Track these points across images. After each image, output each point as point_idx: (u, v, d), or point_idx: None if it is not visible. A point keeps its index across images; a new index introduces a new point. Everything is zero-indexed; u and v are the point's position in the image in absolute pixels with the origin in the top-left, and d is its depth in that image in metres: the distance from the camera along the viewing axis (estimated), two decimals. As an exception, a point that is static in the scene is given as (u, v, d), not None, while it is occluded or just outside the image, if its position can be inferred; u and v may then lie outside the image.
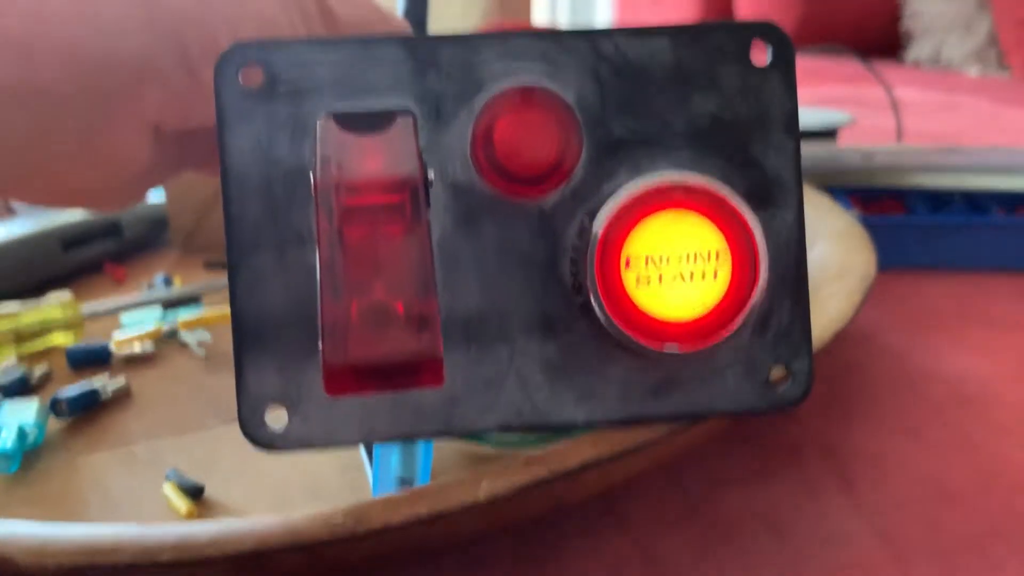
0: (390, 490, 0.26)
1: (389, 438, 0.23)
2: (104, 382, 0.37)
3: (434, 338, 0.20)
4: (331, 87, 0.22)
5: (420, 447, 0.27)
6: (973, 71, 1.74)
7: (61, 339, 0.42)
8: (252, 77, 0.22)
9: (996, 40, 1.75)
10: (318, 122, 0.21)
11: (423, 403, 0.23)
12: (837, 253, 0.39)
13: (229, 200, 0.22)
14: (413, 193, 0.20)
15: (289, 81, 0.22)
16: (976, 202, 0.54)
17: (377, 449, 0.27)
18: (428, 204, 0.22)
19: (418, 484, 0.26)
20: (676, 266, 0.22)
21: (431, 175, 0.22)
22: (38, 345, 0.42)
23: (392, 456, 0.27)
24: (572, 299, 0.23)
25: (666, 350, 0.22)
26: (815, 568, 0.26)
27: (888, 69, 1.07)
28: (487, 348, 0.23)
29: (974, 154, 0.55)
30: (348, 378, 0.20)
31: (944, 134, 0.93)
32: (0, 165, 0.25)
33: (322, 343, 0.20)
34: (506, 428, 0.24)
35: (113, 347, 0.41)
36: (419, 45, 0.22)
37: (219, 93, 0.22)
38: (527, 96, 0.23)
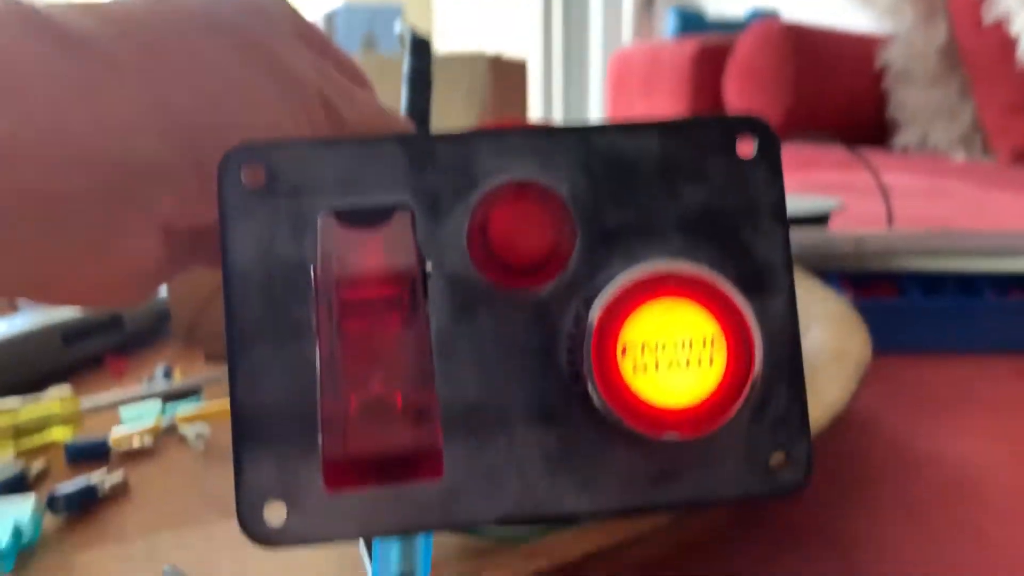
0: None
1: (388, 533, 0.23)
2: (102, 478, 0.37)
3: (433, 430, 0.20)
4: (331, 185, 0.23)
5: (420, 540, 0.27)
6: (959, 156, 1.78)
7: (60, 434, 0.42)
8: (254, 177, 0.23)
9: (980, 126, 1.80)
10: (319, 219, 0.22)
11: (423, 496, 0.23)
12: (832, 338, 0.39)
13: (230, 296, 0.22)
14: (411, 286, 0.21)
15: (290, 180, 0.23)
16: (969, 285, 0.54)
17: (376, 543, 0.27)
18: (426, 296, 0.23)
19: None
20: (672, 353, 0.22)
21: (429, 268, 0.23)
22: (36, 441, 0.42)
23: (392, 550, 0.26)
24: (570, 388, 0.23)
25: (665, 438, 0.23)
26: (823, 659, 0.26)
27: (876, 156, 1.09)
28: (486, 439, 0.23)
29: (966, 238, 0.55)
30: (347, 473, 0.20)
31: (933, 218, 0.94)
32: (13, 268, 0.25)
33: (321, 438, 0.20)
34: (507, 520, 0.23)
35: (111, 443, 0.41)
36: (416, 144, 0.23)
37: (222, 192, 0.22)
38: (521, 190, 0.23)
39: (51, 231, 0.24)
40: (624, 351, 0.22)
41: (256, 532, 0.22)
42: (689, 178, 0.24)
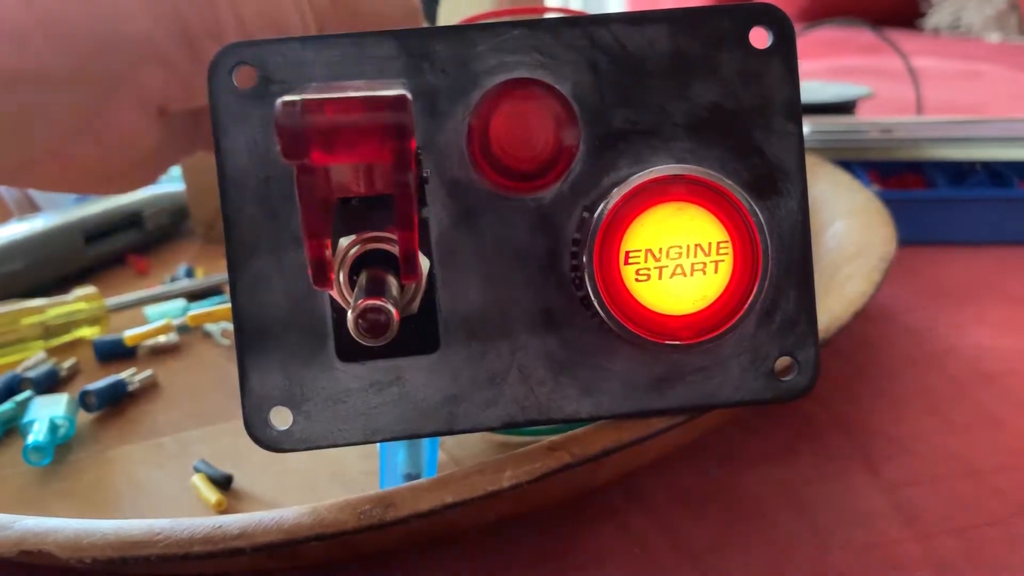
0: (397, 485, 0.26)
1: (393, 438, 0.23)
2: (131, 374, 0.38)
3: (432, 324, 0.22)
4: None
5: (426, 445, 0.27)
6: (993, 37, 1.71)
7: (87, 332, 0.43)
8: (246, 78, 0.22)
9: (1016, 5, 1.72)
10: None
11: (426, 402, 0.23)
12: (856, 231, 0.39)
13: (227, 203, 0.22)
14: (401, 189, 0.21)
15: (283, 81, 0.22)
16: (998, 174, 0.53)
17: (383, 446, 0.27)
18: (425, 203, 0.22)
19: (424, 478, 0.26)
20: (677, 260, 0.22)
21: (427, 173, 0.22)
22: (65, 338, 0.43)
23: (398, 453, 0.27)
24: (573, 293, 0.23)
25: (668, 344, 0.22)
26: (838, 546, 0.26)
27: (906, 38, 1.06)
28: (489, 344, 0.23)
29: (995, 125, 0.54)
30: (357, 349, 0.21)
31: (965, 103, 0.91)
32: (4, 151, 0.25)
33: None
34: (509, 425, 0.24)
35: (126, 342, 0.41)
36: (412, 39, 0.22)
37: (213, 95, 0.22)
38: (523, 90, 0.22)
39: (35, 111, 0.24)
40: (627, 258, 0.22)
41: (262, 437, 0.23)
42: (699, 73, 0.23)
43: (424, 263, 0.21)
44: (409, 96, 0.16)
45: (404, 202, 0.17)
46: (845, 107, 0.68)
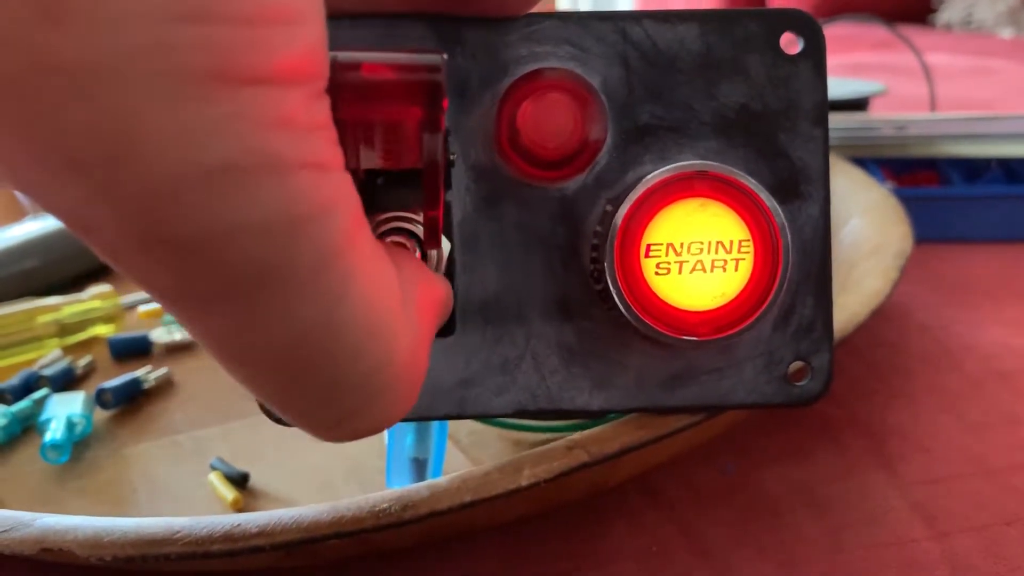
0: (404, 469, 0.26)
1: (405, 419, 0.23)
2: (146, 372, 0.38)
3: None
4: None
5: (434, 428, 0.27)
6: (1006, 33, 1.70)
7: (102, 330, 0.43)
8: None
9: (1030, 0, 1.71)
10: None
11: (438, 385, 0.23)
12: (871, 228, 0.38)
13: None
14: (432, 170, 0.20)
15: None
16: (1013, 171, 0.53)
17: (391, 430, 0.27)
18: (450, 186, 0.22)
19: (431, 464, 0.26)
20: (697, 256, 0.22)
21: (453, 157, 0.22)
22: (80, 336, 0.43)
23: (407, 436, 0.27)
24: (591, 285, 0.23)
25: (684, 339, 0.22)
26: (854, 545, 0.26)
27: (918, 34, 1.05)
28: (504, 330, 0.23)
29: (1010, 122, 0.54)
30: None
31: (978, 100, 0.91)
32: None
33: None
34: (521, 413, 0.24)
35: (140, 316, 0.41)
36: (444, 24, 0.22)
37: None
38: (552, 80, 0.22)
39: None
40: (648, 252, 0.22)
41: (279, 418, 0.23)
42: (728, 74, 0.23)
43: (445, 246, 0.21)
44: (445, 58, 0.16)
45: (432, 174, 0.16)
46: (858, 104, 0.68)
